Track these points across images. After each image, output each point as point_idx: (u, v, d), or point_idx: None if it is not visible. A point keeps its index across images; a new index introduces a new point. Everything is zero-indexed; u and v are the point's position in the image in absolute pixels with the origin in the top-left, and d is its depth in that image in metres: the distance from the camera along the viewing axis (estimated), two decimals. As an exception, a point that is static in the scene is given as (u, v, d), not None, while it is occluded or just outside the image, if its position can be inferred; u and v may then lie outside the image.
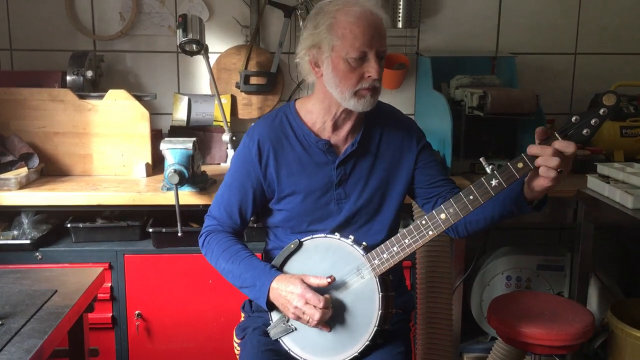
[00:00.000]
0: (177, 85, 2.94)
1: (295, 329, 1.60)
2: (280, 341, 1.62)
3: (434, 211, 1.49)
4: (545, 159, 1.36)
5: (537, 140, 1.40)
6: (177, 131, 2.78)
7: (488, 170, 1.44)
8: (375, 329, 1.51)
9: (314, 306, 1.48)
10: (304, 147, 1.67)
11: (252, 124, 1.74)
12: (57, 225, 2.45)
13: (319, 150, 1.66)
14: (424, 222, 1.49)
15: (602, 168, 2.39)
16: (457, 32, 2.96)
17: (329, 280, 1.51)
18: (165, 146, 2.26)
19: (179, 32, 2.48)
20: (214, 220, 1.72)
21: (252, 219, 1.77)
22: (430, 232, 1.49)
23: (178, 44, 2.51)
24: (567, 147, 1.35)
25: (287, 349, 1.61)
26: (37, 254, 2.31)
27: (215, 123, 2.86)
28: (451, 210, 1.47)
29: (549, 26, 2.99)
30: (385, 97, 2.92)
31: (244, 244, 1.68)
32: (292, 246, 1.61)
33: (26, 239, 2.31)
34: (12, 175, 2.31)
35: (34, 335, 1.36)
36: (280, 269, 1.63)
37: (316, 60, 1.58)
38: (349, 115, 1.64)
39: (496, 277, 2.74)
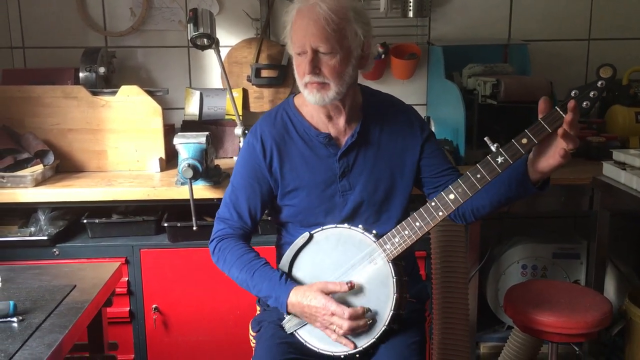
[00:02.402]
0: (189, 80, 2.95)
1: None
2: (296, 334, 1.62)
3: (442, 192, 1.50)
4: (567, 139, 1.37)
5: (540, 113, 1.41)
6: (189, 126, 2.78)
7: (493, 148, 1.46)
8: (391, 312, 1.52)
9: (340, 317, 1.50)
10: (305, 141, 1.67)
11: (255, 122, 1.75)
12: (74, 221, 2.47)
13: (320, 144, 1.67)
14: (433, 204, 1.51)
15: (617, 155, 2.37)
16: (468, 20, 2.94)
17: (349, 285, 1.52)
18: (178, 141, 2.27)
19: (190, 26, 2.48)
20: (224, 224, 1.72)
21: (261, 218, 1.77)
22: (440, 213, 1.50)
23: (189, 39, 2.51)
24: (574, 119, 1.37)
25: (303, 342, 1.61)
26: (55, 249, 2.33)
27: (227, 117, 2.86)
28: (459, 190, 1.48)
29: (561, 12, 2.96)
30: (397, 87, 2.93)
31: (256, 252, 1.68)
32: (303, 239, 1.62)
33: (43, 235, 2.34)
34: (28, 172, 2.33)
35: (55, 330, 1.38)
36: (292, 262, 1.63)
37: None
38: (337, 107, 1.64)
39: (512, 266, 2.73)
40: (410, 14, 2.81)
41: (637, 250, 3.00)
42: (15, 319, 1.42)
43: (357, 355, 1.56)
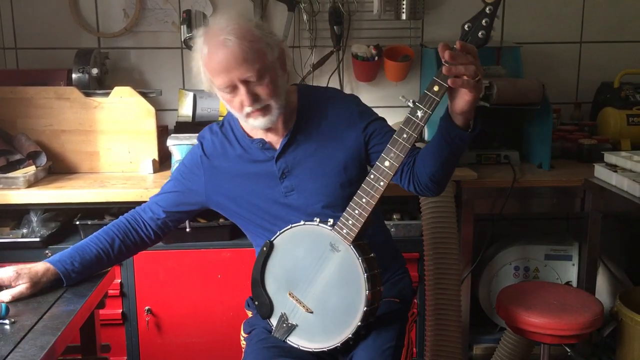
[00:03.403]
0: (182, 81, 2.95)
1: (297, 325, 1.60)
2: (288, 342, 1.62)
3: (377, 162, 1.50)
4: (456, 69, 1.37)
5: (443, 60, 1.40)
6: (182, 127, 2.78)
7: (410, 104, 1.47)
8: (366, 292, 1.51)
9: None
10: (244, 148, 1.70)
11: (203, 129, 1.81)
12: (66, 222, 2.46)
13: (256, 150, 1.68)
14: (372, 175, 1.51)
15: (609, 157, 2.38)
16: (461, 22, 2.93)
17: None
18: (171, 142, 2.27)
19: (183, 27, 2.48)
20: (139, 208, 1.78)
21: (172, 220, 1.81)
22: (382, 183, 1.49)
23: (182, 40, 2.52)
24: (466, 47, 1.38)
25: (297, 347, 1.61)
26: (47, 251, 2.32)
27: (220, 118, 2.85)
28: (392, 154, 1.48)
29: (553, 15, 2.97)
30: (390, 89, 2.94)
31: (101, 247, 1.69)
32: (265, 249, 1.62)
33: (35, 237, 2.33)
34: (20, 173, 2.32)
35: (47, 333, 1.37)
36: (262, 276, 1.63)
37: (210, 89, 1.63)
38: None
39: (504, 268, 2.74)
40: (404, 16, 2.82)
41: (628, 251, 3.02)
42: (7, 322, 1.41)
43: (351, 343, 1.56)
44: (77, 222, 2.37)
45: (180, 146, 2.25)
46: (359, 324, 1.53)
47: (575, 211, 2.54)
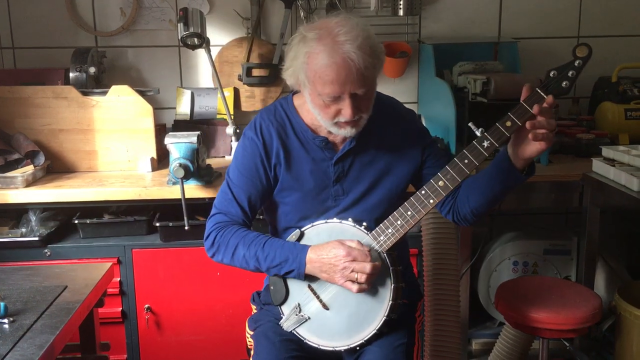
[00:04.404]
0: (180, 79, 2.95)
1: (309, 318, 1.60)
2: (295, 332, 1.62)
3: (431, 180, 1.52)
4: (540, 123, 1.42)
5: (523, 97, 1.45)
6: (181, 125, 2.78)
7: (478, 133, 1.49)
8: (390, 302, 1.53)
9: (362, 260, 1.49)
10: (301, 142, 1.65)
11: (254, 117, 1.72)
12: (65, 221, 2.46)
13: (316, 147, 1.64)
14: (423, 192, 1.53)
15: (607, 151, 2.38)
16: (458, 18, 2.95)
17: (356, 242, 1.52)
18: (169, 140, 2.27)
19: (180, 26, 2.48)
20: (224, 216, 1.66)
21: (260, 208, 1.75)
22: (431, 200, 1.52)
23: (179, 38, 2.51)
24: (554, 104, 1.43)
25: (302, 339, 1.61)
26: (46, 250, 2.33)
27: (218, 116, 2.86)
28: (448, 176, 1.51)
29: (550, 10, 2.97)
30: (388, 86, 2.94)
31: (259, 233, 1.64)
32: (294, 237, 1.61)
33: (34, 236, 2.33)
34: (19, 173, 2.32)
35: (46, 331, 1.38)
36: None
37: (299, 84, 1.56)
38: None
39: (503, 263, 2.74)
40: (401, 12, 2.82)
41: (627, 246, 3.02)
42: (6, 321, 1.42)
43: (358, 348, 1.57)
44: (76, 221, 2.38)
45: (178, 144, 2.25)
46: (374, 332, 1.54)
47: (574, 206, 2.54)
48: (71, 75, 2.64)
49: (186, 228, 2.25)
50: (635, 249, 3.00)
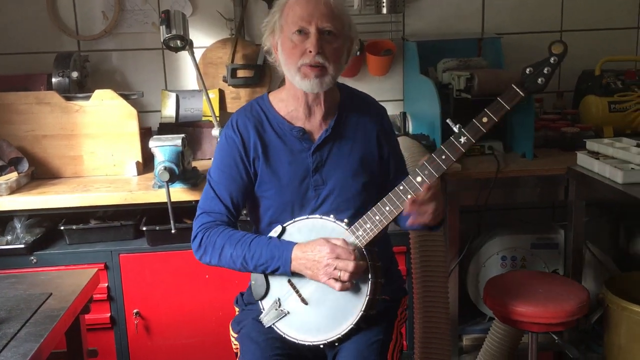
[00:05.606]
0: (165, 82, 2.93)
1: (288, 312, 1.61)
2: (274, 327, 1.63)
3: (409, 175, 1.55)
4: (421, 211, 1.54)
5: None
6: (166, 128, 2.77)
7: (455, 129, 1.53)
8: (367, 298, 1.53)
9: (346, 258, 1.50)
10: (279, 135, 1.68)
11: (231, 116, 1.75)
12: (51, 228, 2.45)
13: (293, 138, 1.67)
14: (401, 187, 1.55)
15: (591, 144, 2.40)
16: (442, 15, 2.96)
17: (342, 240, 1.54)
18: (154, 144, 2.26)
19: (163, 28, 2.46)
20: (209, 216, 1.68)
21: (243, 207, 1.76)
22: (409, 196, 1.54)
23: (162, 41, 2.50)
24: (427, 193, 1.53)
25: (281, 334, 1.62)
26: (32, 257, 2.31)
27: (204, 118, 2.85)
28: (426, 172, 1.53)
29: (533, 5, 2.98)
30: (373, 84, 2.94)
31: (245, 232, 1.66)
32: (275, 233, 1.62)
33: (20, 244, 2.31)
34: (3, 180, 2.30)
35: (30, 339, 1.37)
36: None
37: (275, 45, 1.64)
38: (318, 99, 1.65)
39: (491, 258, 2.75)
40: (384, 10, 2.82)
41: (613, 238, 3.04)
42: (-11, 330, 1.41)
43: (336, 344, 1.57)
44: (62, 227, 2.36)
45: (162, 147, 2.24)
46: (352, 326, 1.55)
47: (560, 199, 2.55)
48: (54, 80, 2.62)
49: (173, 231, 2.24)
50: (622, 241, 3.02)
